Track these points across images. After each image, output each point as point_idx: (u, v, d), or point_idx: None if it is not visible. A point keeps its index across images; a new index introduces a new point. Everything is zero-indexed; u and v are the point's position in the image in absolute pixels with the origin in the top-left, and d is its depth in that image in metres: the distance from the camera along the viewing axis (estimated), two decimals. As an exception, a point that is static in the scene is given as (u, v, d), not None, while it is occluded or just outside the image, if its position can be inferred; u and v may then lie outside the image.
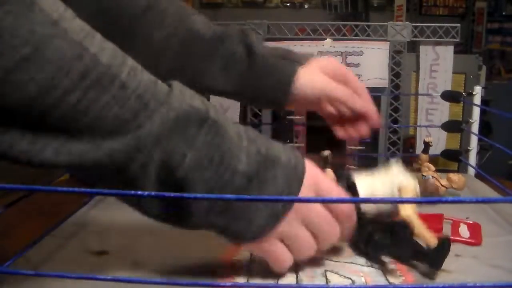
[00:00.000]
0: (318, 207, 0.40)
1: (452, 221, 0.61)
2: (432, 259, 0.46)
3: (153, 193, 0.33)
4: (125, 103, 0.30)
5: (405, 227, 0.50)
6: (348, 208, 0.42)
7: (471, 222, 0.61)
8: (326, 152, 0.69)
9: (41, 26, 0.28)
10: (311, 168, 0.40)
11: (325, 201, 0.41)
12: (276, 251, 0.40)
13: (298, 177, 0.38)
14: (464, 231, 0.58)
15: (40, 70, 0.27)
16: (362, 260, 0.51)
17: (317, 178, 0.40)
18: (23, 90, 0.27)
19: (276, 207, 0.37)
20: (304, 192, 0.38)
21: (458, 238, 0.57)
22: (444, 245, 0.46)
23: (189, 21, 0.61)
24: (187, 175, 0.32)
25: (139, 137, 0.31)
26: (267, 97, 0.63)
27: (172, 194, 0.32)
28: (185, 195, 0.33)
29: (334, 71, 0.63)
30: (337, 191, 0.42)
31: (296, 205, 0.38)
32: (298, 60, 0.62)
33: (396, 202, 0.51)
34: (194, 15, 0.63)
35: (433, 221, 0.60)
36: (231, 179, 0.34)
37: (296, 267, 0.49)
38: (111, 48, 0.31)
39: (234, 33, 0.62)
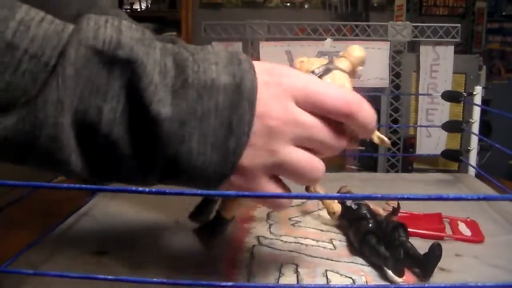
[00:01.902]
0: (302, 113, 0.30)
1: (449, 220, 0.61)
2: (424, 263, 0.46)
3: (153, 189, 0.30)
4: (17, 68, 0.25)
5: (399, 231, 0.50)
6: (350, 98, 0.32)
7: (468, 220, 0.61)
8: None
9: None
10: (262, 69, 0.31)
11: (294, 197, 0.39)
12: (262, 188, 0.32)
13: (246, 96, 0.29)
14: (464, 229, 0.58)
15: None
16: (362, 259, 0.51)
17: (275, 71, 0.31)
18: None
19: (234, 118, 0.29)
20: (265, 104, 0.29)
21: (461, 237, 0.57)
22: (435, 250, 0.46)
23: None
24: (111, 130, 0.27)
25: (37, 106, 0.26)
26: None
27: (173, 191, 0.32)
28: (185, 191, 0.30)
29: None
30: (314, 81, 0.32)
31: (262, 111, 0.29)
32: None
33: (398, 199, 0.51)
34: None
35: (433, 221, 0.60)
36: (155, 128, 0.27)
37: (296, 267, 0.49)
38: None
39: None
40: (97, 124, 0.27)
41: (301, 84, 0.31)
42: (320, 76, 0.38)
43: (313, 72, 0.38)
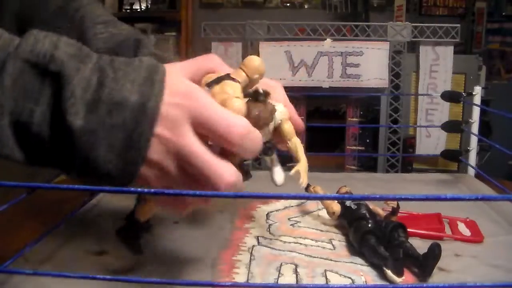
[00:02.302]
0: (188, 139, 0.34)
1: (449, 220, 0.61)
2: (423, 264, 0.46)
3: (152, 190, 0.33)
4: None
5: (398, 231, 0.51)
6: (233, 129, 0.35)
7: (467, 220, 0.61)
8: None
9: None
10: (170, 111, 0.33)
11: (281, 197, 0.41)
12: (175, 178, 0.35)
13: (149, 116, 0.32)
14: (463, 229, 0.58)
15: None
16: (361, 259, 0.51)
17: (173, 127, 0.34)
18: None
19: (136, 133, 0.32)
20: (165, 124, 0.33)
21: (460, 237, 0.57)
22: (434, 250, 0.46)
23: (90, 33, 0.60)
24: (40, 130, 0.32)
25: None
26: None
27: (171, 191, 0.32)
28: (184, 192, 0.33)
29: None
30: (198, 149, 0.34)
31: (163, 124, 0.33)
32: None
33: (401, 199, 0.51)
34: (100, 25, 0.61)
35: (432, 221, 0.61)
36: (69, 135, 0.32)
37: (296, 267, 0.49)
38: None
39: (128, 47, 0.60)
40: (29, 124, 0.32)
41: (198, 109, 0.34)
42: (210, 86, 0.40)
43: (207, 85, 0.40)
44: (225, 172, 0.34)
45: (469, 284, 0.34)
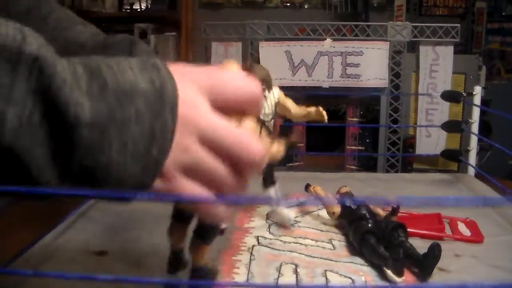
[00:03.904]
0: (212, 118, 0.29)
1: (449, 220, 0.61)
2: (423, 264, 0.46)
3: (152, 195, 0.29)
4: None
5: (398, 231, 0.51)
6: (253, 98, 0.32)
7: (467, 220, 0.61)
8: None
9: None
10: (185, 91, 0.29)
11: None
12: (183, 188, 0.29)
13: (169, 102, 0.28)
14: (464, 230, 0.58)
15: None
16: (361, 259, 0.51)
17: (194, 107, 0.29)
18: None
19: (158, 122, 0.27)
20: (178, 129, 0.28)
21: (461, 237, 0.57)
22: (434, 250, 0.46)
23: (72, 31, 0.59)
24: (15, 140, 0.24)
25: None
26: None
27: (170, 195, 0.32)
28: (185, 197, 0.30)
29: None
30: (223, 126, 0.30)
31: (183, 123, 0.28)
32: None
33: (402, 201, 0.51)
34: (80, 25, 0.61)
35: (433, 221, 0.60)
36: (72, 135, 0.25)
37: (296, 267, 0.49)
38: None
39: (121, 42, 0.58)
40: (1, 130, 0.23)
41: (207, 77, 0.30)
42: None
43: None
44: (252, 141, 0.30)
45: (469, 284, 0.34)
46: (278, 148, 0.40)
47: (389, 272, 0.46)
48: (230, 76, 0.31)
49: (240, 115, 0.32)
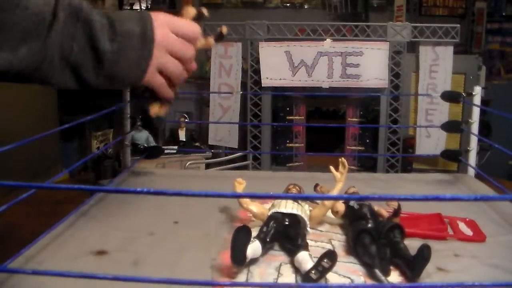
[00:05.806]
0: (173, 37, 0.49)
1: (449, 220, 0.61)
2: (413, 264, 0.46)
3: (145, 189, 0.34)
4: (30, 20, 0.41)
5: (395, 232, 0.51)
6: (193, 29, 0.51)
7: (467, 219, 0.61)
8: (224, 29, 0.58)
9: None
10: (159, 28, 0.48)
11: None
12: (158, 79, 0.49)
13: (149, 38, 0.46)
14: (465, 229, 0.58)
15: None
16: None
17: (163, 30, 0.48)
18: None
19: (143, 50, 0.46)
20: (160, 32, 0.47)
21: (463, 236, 0.57)
22: (423, 252, 0.46)
23: None
24: (76, 59, 0.44)
25: (44, 42, 0.42)
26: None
27: (171, 192, 0.32)
28: (183, 191, 0.33)
29: None
30: (189, 24, 0.50)
31: (158, 41, 0.47)
32: None
33: (401, 199, 0.51)
34: None
35: (434, 221, 0.61)
36: (104, 58, 0.45)
37: (296, 267, 0.49)
38: None
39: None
40: (70, 54, 0.43)
41: (170, 22, 0.49)
42: None
43: None
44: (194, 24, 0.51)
45: (469, 283, 0.34)
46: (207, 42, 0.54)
47: (377, 271, 0.46)
48: (182, 21, 0.51)
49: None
